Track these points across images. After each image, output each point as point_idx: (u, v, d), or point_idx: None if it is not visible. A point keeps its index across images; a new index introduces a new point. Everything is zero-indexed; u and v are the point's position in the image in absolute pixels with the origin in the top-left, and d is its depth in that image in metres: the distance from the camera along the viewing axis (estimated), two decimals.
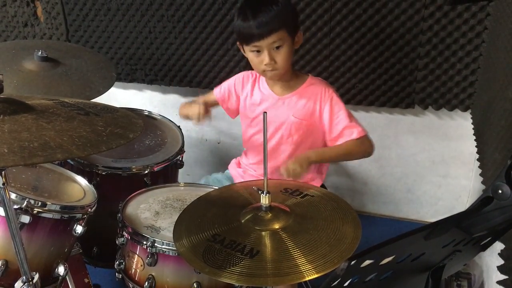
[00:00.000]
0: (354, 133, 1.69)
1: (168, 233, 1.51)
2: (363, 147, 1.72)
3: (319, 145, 1.78)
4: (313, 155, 1.69)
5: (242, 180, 1.88)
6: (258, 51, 1.63)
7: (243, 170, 1.94)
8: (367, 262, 0.78)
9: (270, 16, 1.57)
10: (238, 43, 1.72)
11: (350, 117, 1.72)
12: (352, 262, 0.75)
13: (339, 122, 1.71)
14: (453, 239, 0.92)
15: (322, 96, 1.73)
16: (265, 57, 1.62)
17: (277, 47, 1.61)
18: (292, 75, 1.75)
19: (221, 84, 1.92)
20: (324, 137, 1.77)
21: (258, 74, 1.82)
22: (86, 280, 1.78)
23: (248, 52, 1.66)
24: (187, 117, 1.83)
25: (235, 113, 1.92)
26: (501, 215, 0.89)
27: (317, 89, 1.74)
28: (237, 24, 1.64)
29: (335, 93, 1.75)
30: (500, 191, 0.88)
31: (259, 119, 1.80)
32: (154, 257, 1.47)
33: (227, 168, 2.04)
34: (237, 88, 1.86)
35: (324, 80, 1.80)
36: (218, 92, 1.90)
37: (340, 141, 1.72)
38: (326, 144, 1.77)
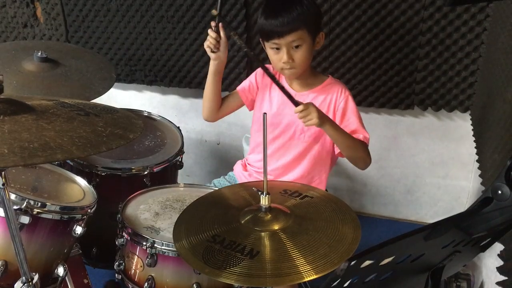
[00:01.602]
0: (360, 137, 1.70)
1: (168, 234, 1.51)
2: (366, 152, 1.72)
3: (331, 144, 1.78)
4: (326, 119, 1.64)
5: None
6: (277, 49, 1.64)
7: (249, 173, 1.94)
8: (367, 262, 0.78)
9: (292, 15, 1.59)
10: (260, 39, 1.73)
11: (361, 122, 1.73)
12: (352, 263, 0.75)
13: (349, 124, 1.72)
14: (452, 239, 0.92)
15: (337, 96, 1.74)
16: (283, 55, 1.63)
17: (296, 46, 1.63)
18: (310, 74, 1.76)
19: (243, 81, 1.93)
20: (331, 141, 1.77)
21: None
22: (85, 281, 1.77)
23: (268, 49, 1.68)
24: (219, 68, 1.82)
25: (253, 105, 1.91)
26: (500, 216, 0.89)
27: (334, 89, 1.75)
28: (259, 21, 1.66)
29: (351, 96, 1.75)
30: (499, 192, 0.88)
31: (273, 114, 1.80)
32: (154, 258, 1.47)
33: (227, 170, 2.04)
34: (258, 79, 1.87)
35: (343, 83, 1.80)
36: (240, 86, 1.92)
37: None
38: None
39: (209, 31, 1.74)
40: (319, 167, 1.84)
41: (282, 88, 1.64)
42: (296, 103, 1.59)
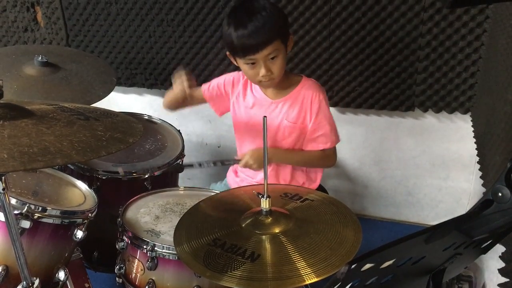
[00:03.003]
0: (327, 143, 1.74)
1: (168, 237, 1.51)
2: (325, 160, 1.79)
3: None
4: (274, 156, 1.72)
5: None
6: (253, 63, 1.60)
7: (240, 180, 1.93)
8: (368, 265, 0.77)
9: (264, 29, 1.54)
10: (228, 53, 1.68)
11: (331, 127, 1.74)
12: (353, 266, 0.75)
13: (318, 127, 1.73)
14: (453, 242, 0.92)
15: (312, 101, 1.72)
16: (261, 69, 1.60)
17: (272, 58, 1.59)
18: (284, 78, 1.71)
19: (210, 82, 1.90)
20: None
21: None
22: (86, 285, 1.77)
23: (242, 64, 1.63)
24: (175, 101, 1.81)
25: (222, 111, 1.92)
26: (501, 218, 0.89)
27: (309, 93, 1.72)
28: (228, 37, 1.59)
29: (325, 98, 1.74)
30: (500, 194, 0.88)
31: (252, 122, 1.79)
32: (154, 261, 1.47)
33: (225, 176, 2.03)
34: (226, 88, 1.85)
35: (317, 83, 1.78)
36: (206, 89, 1.88)
37: (310, 146, 1.76)
38: None
39: (183, 80, 1.74)
40: (305, 168, 1.85)
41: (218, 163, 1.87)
42: (237, 161, 1.75)
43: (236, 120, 1.86)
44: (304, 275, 1.14)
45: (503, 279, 1.31)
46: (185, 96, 1.75)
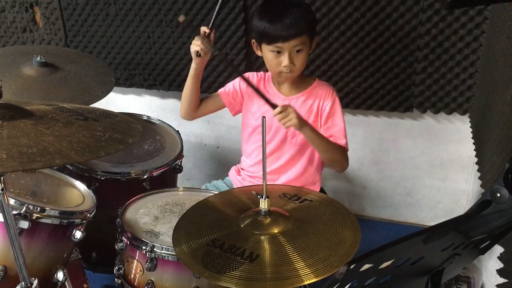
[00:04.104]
0: (342, 140, 1.73)
1: (167, 238, 1.51)
2: (344, 156, 1.76)
3: None
4: (309, 124, 1.68)
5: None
6: (278, 52, 1.64)
7: (243, 178, 1.94)
8: (366, 266, 0.77)
9: (297, 20, 1.60)
10: (253, 41, 1.73)
11: (344, 128, 1.75)
12: (351, 266, 0.75)
13: (332, 126, 1.73)
14: (452, 242, 0.92)
15: (325, 97, 1.75)
16: (285, 59, 1.63)
17: (298, 51, 1.64)
18: (299, 76, 1.76)
19: (225, 85, 1.92)
20: None
21: (262, 75, 1.84)
22: (85, 286, 1.77)
23: (267, 52, 1.67)
24: (192, 96, 1.84)
25: (237, 111, 1.92)
26: (499, 219, 0.89)
27: (322, 91, 1.76)
28: (260, 24, 1.64)
29: (338, 99, 1.77)
30: (498, 195, 0.88)
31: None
32: (153, 262, 1.47)
33: (226, 175, 2.04)
34: (242, 85, 1.86)
35: (330, 85, 1.81)
36: (223, 92, 1.91)
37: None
38: None
39: (200, 37, 1.70)
40: (312, 168, 1.84)
41: (258, 92, 1.66)
42: (274, 106, 1.61)
43: (247, 117, 1.87)
44: (303, 275, 1.14)
45: (502, 280, 1.31)
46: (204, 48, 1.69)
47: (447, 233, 0.88)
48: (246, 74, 1.86)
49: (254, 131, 1.85)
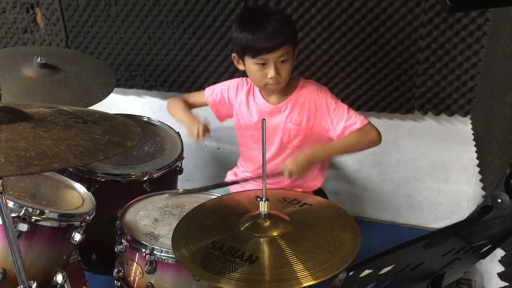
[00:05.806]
0: (357, 124, 1.68)
1: (167, 241, 1.50)
2: (368, 136, 1.70)
3: (322, 142, 1.77)
4: (317, 153, 1.69)
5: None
6: (263, 64, 1.61)
7: (240, 184, 1.93)
8: (366, 272, 0.77)
9: (279, 27, 1.57)
10: (234, 55, 1.70)
11: (348, 110, 1.70)
12: (351, 272, 0.74)
13: (338, 119, 1.70)
14: (452, 247, 0.91)
15: (315, 98, 1.72)
16: (270, 70, 1.61)
17: (283, 61, 1.62)
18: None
19: (213, 86, 1.90)
20: (325, 138, 1.76)
21: (251, 85, 1.81)
22: None
23: (252, 65, 1.64)
24: (181, 121, 1.84)
25: (224, 118, 1.92)
26: (500, 224, 0.88)
27: (310, 92, 1.73)
28: (242, 36, 1.60)
29: (328, 91, 1.74)
30: (499, 200, 0.88)
31: (254, 128, 1.79)
32: (153, 265, 1.47)
33: (225, 175, 2.03)
34: (230, 94, 1.85)
35: (314, 81, 1.79)
36: (209, 94, 1.89)
37: (347, 133, 1.70)
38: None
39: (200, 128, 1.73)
40: (313, 166, 1.83)
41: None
42: (278, 174, 1.67)
43: (240, 127, 1.86)
44: (302, 277, 1.14)
45: (503, 283, 1.30)
46: (195, 139, 1.74)
47: (447, 238, 0.87)
48: (238, 80, 1.85)
49: (247, 135, 1.84)
